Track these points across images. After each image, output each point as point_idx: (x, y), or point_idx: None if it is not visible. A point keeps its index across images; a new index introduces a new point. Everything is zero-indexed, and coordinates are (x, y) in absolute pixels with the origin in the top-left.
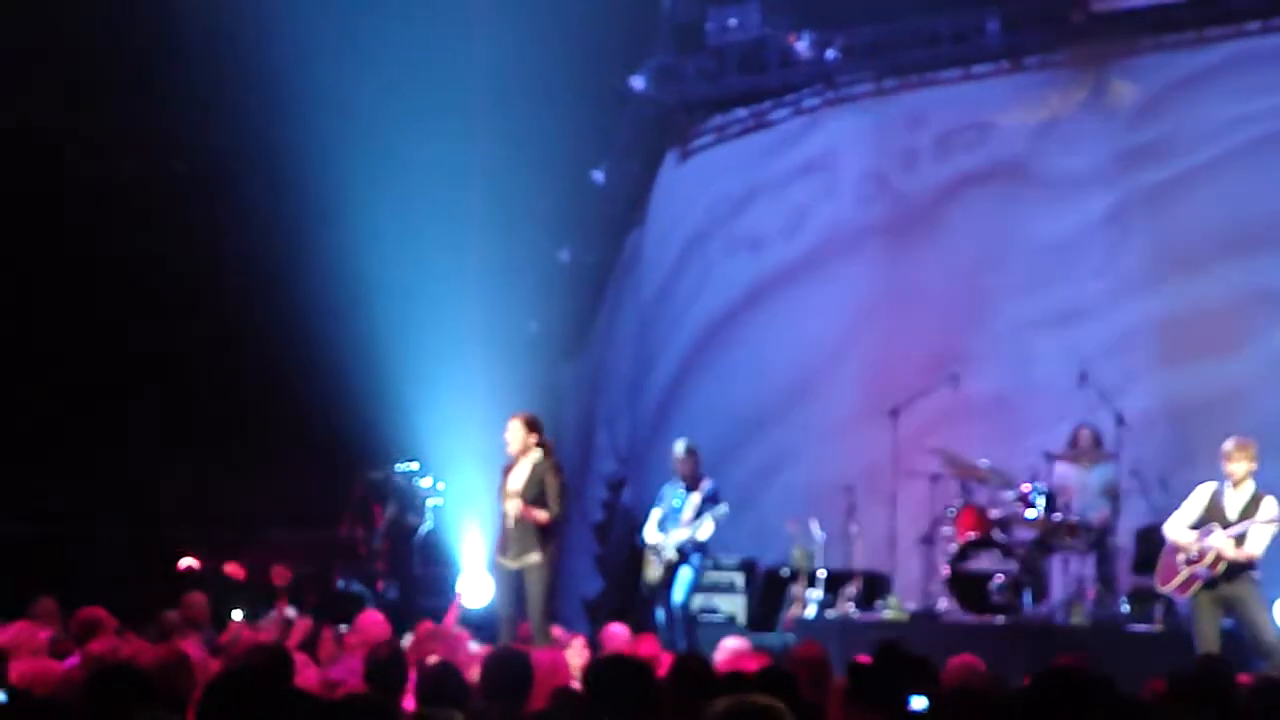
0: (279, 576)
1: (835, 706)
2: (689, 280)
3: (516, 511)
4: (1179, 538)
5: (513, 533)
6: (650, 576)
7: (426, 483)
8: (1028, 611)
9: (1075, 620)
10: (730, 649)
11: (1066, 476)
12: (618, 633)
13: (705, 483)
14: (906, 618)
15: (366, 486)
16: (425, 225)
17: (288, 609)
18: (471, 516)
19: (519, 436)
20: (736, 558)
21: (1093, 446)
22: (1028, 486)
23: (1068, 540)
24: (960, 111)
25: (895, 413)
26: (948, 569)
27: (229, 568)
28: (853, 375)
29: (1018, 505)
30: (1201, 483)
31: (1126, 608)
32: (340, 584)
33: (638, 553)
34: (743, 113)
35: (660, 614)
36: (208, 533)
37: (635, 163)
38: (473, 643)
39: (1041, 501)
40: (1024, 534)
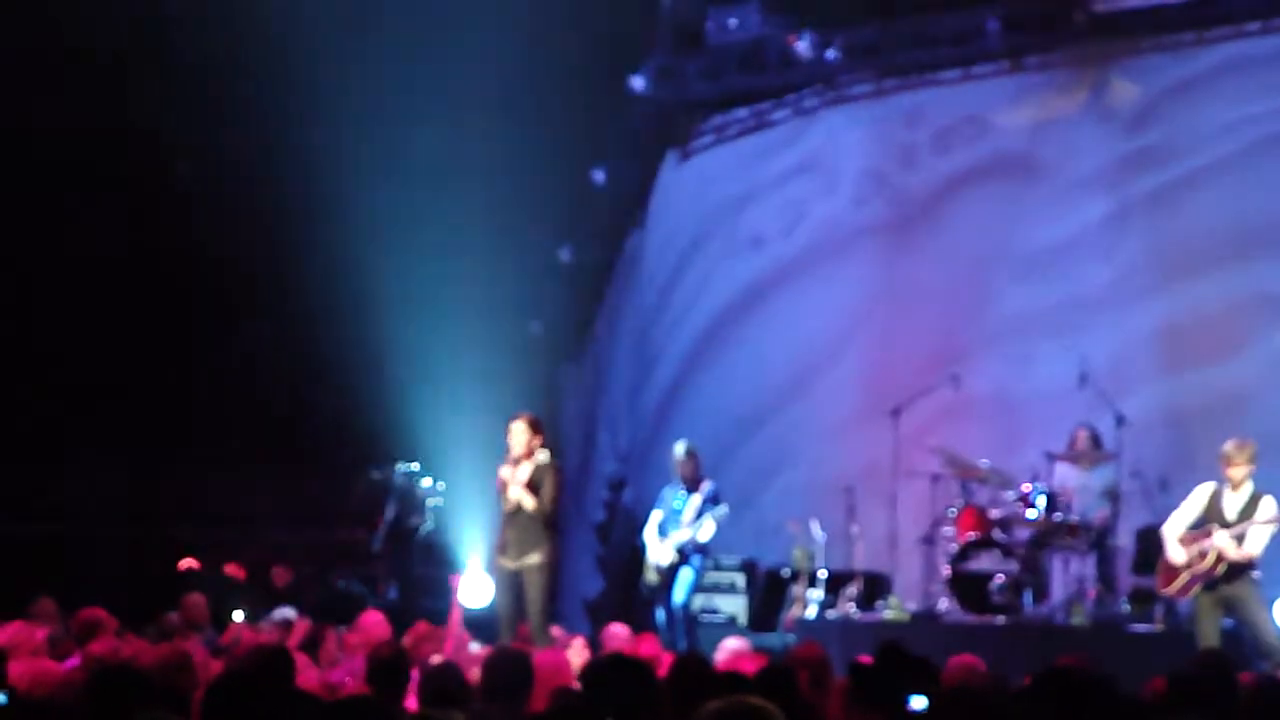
0: (279, 577)
1: (836, 707)
2: (690, 280)
3: (518, 506)
4: (1175, 555)
5: (512, 533)
6: (651, 578)
7: (427, 483)
8: (1028, 612)
9: (1076, 620)
10: (731, 649)
11: (1067, 477)
12: (618, 633)
13: (706, 484)
14: (907, 618)
15: (367, 487)
16: (426, 225)
17: (288, 609)
18: (474, 517)
19: (523, 438)
20: (737, 558)
21: (1091, 447)
22: (1028, 487)
23: (1068, 540)
24: (959, 109)
25: (896, 413)
26: (948, 569)
27: (229, 568)
28: (853, 374)
29: (1018, 505)
30: (1201, 483)
31: (1127, 608)
32: (340, 584)
33: (638, 553)
34: (743, 113)
35: (661, 614)
36: (208, 533)
37: (636, 163)
38: (474, 643)
39: (1042, 502)
40: (1024, 534)
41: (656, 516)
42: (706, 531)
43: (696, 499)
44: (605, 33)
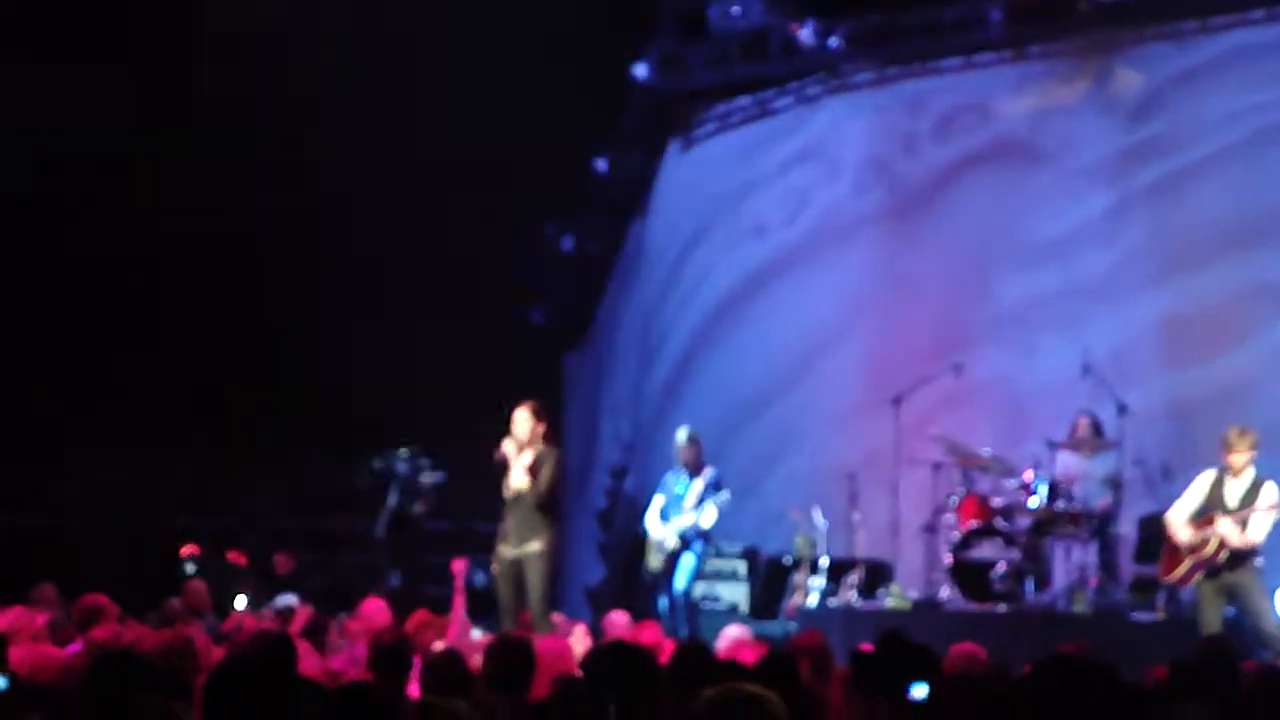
0: (281, 564)
1: (837, 695)
2: (692, 269)
3: (518, 493)
4: (1179, 536)
5: (513, 521)
6: (652, 565)
7: (429, 471)
8: (1030, 600)
9: (1077, 609)
10: (732, 637)
11: (1069, 465)
12: (618, 620)
13: (707, 470)
14: (908, 606)
15: (369, 475)
16: (428, 215)
17: (290, 596)
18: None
19: (527, 425)
20: (739, 546)
21: (1091, 435)
22: (1030, 475)
23: (1070, 529)
24: (961, 97)
25: (898, 401)
26: (950, 557)
27: (231, 555)
28: (854, 362)
29: (1020, 494)
30: (1203, 471)
31: (1129, 596)
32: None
33: (640, 541)
34: (746, 101)
35: (663, 602)
36: (210, 521)
37: (638, 151)
38: (475, 630)
39: (1044, 490)
40: (1026, 522)
41: (658, 502)
42: (708, 518)
43: (699, 484)
44: (608, 21)
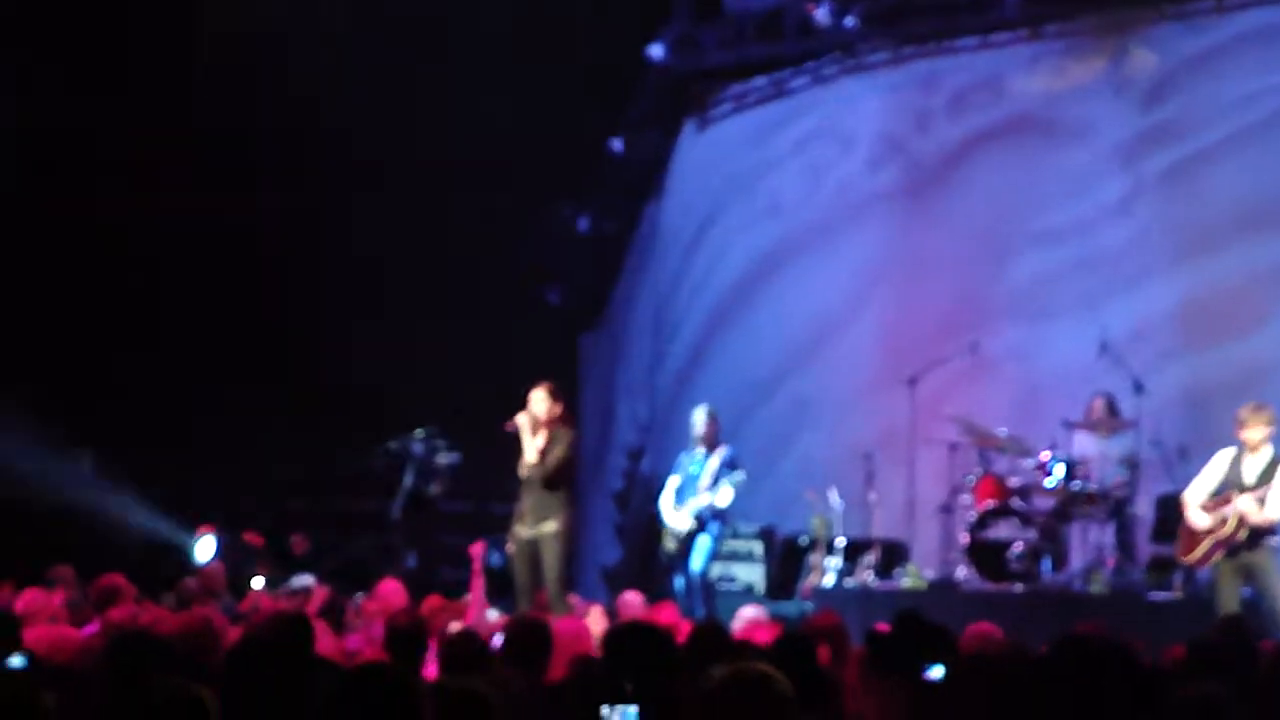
0: (298, 545)
1: (853, 675)
2: (708, 249)
3: (532, 472)
4: (1196, 515)
5: (529, 501)
6: (667, 547)
7: (445, 452)
8: (1046, 580)
9: (1094, 589)
10: (748, 618)
11: (1085, 445)
12: (632, 601)
13: (723, 448)
14: (925, 586)
15: (385, 456)
16: (444, 197)
17: (306, 577)
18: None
19: (543, 406)
20: (755, 526)
21: (1108, 415)
22: (1046, 455)
23: (1087, 509)
24: (976, 74)
25: (913, 381)
26: (966, 537)
27: (248, 536)
28: (870, 341)
29: (1037, 474)
30: (1221, 449)
31: (1146, 576)
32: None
33: (656, 521)
34: (761, 81)
35: (679, 582)
36: (227, 501)
37: (654, 132)
38: (492, 611)
39: (1060, 470)
40: (1043, 502)
41: (673, 483)
42: (724, 498)
43: (714, 461)
44: (623, 1)
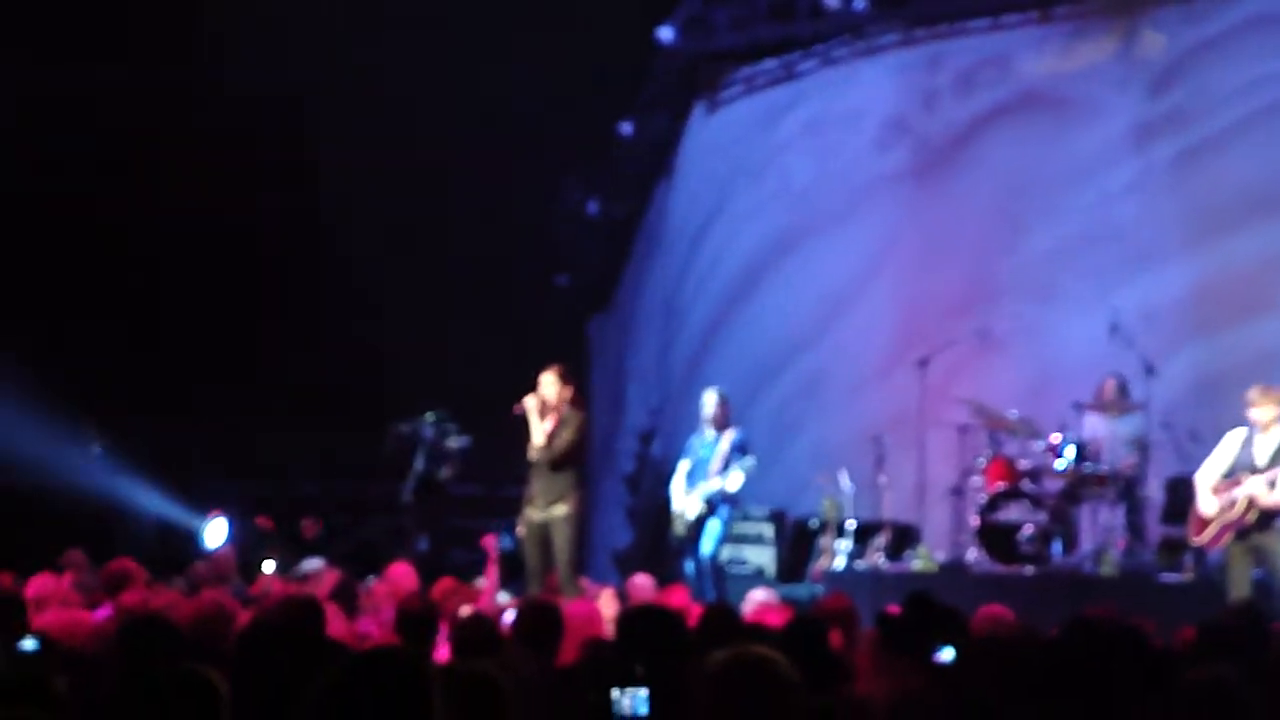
0: (308, 529)
1: (864, 658)
2: (718, 232)
3: (543, 457)
4: (1207, 507)
5: (539, 484)
6: (677, 531)
7: (455, 436)
8: (1057, 562)
9: (1105, 571)
10: (758, 601)
11: (1095, 427)
12: (642, 584)
13: (733, 432)
14: (935, 568)
15: (395, 440)
16: (454, 180)
17: (317, 560)
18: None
19: (554, 389)
20: (765, 509)
21: (1118, 397)
22: (1057, 437)
23: (1097, 490)
24: (985, 54)
25: (924, 363)
26: (977, 520)
27: (259, 520)
28: (880, 323)
29: (1047, 456)
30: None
31: (1156, 558)
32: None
33: (667, 505)
34: (771, 64)
35: (689, 565)
36: (239, 485)
37: (664, 115)
38: (503, 593)
39: (1071, 452)
40: (1053, 484)
41: (684, 467)
42: (735, 482)
43: (724, 444)
44: None
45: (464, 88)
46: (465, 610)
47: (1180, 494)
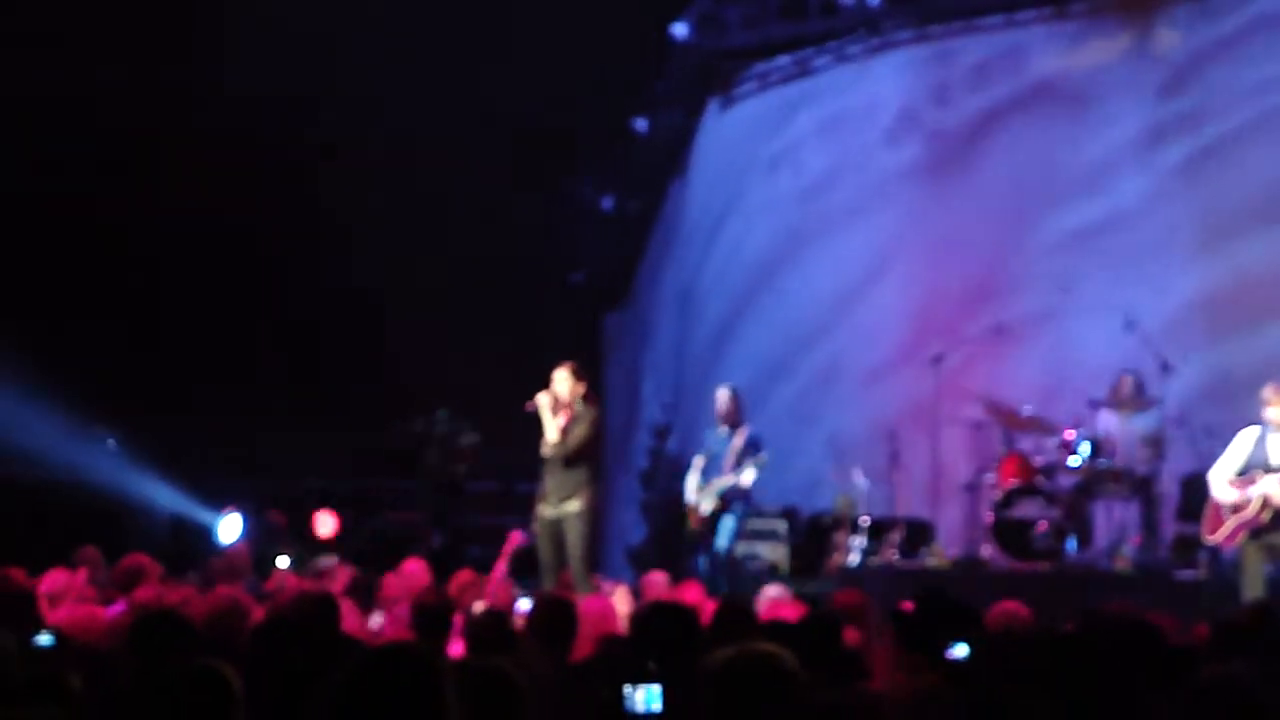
0: (325, 524)
1: (877, 654)
2: (733, 228)
3: (555, 451)
4: (1222, 495)
5: (552, 481)
6: (692, 526)
7: (469, 432)
8: (1071, 558)
9: (1119, 567)
10: (772, 597)
11: (1110, 423)
12: (657, 580)
13: (746, 428)
14: (949, 565)
15: (410, 436)
16: (468, 175)
17: (331, 556)
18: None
19: (567, 385)
20: (779, 505)
21: (1134, 394)
22: (1071, 433)
23: (1111, 487)
24: (999, 48)
25: (938, 360)
26: (991, 516)
27: (272, 515)
28: (895, 317)
29: (1061, 452)
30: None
31: (1171, 554)
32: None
33: (681, 501)
34: (785, 60)
35: (703, 561)
36: (252, 481)
37: (678, 111)
38: (517, 590)
39: (1085, 448)
40: (1068, 481)
41: (699, 464)
42: (748, 478)
43: (738, 441)
44: None
45: (475, 84)
46: (479, 606)
47: (1195, 491)
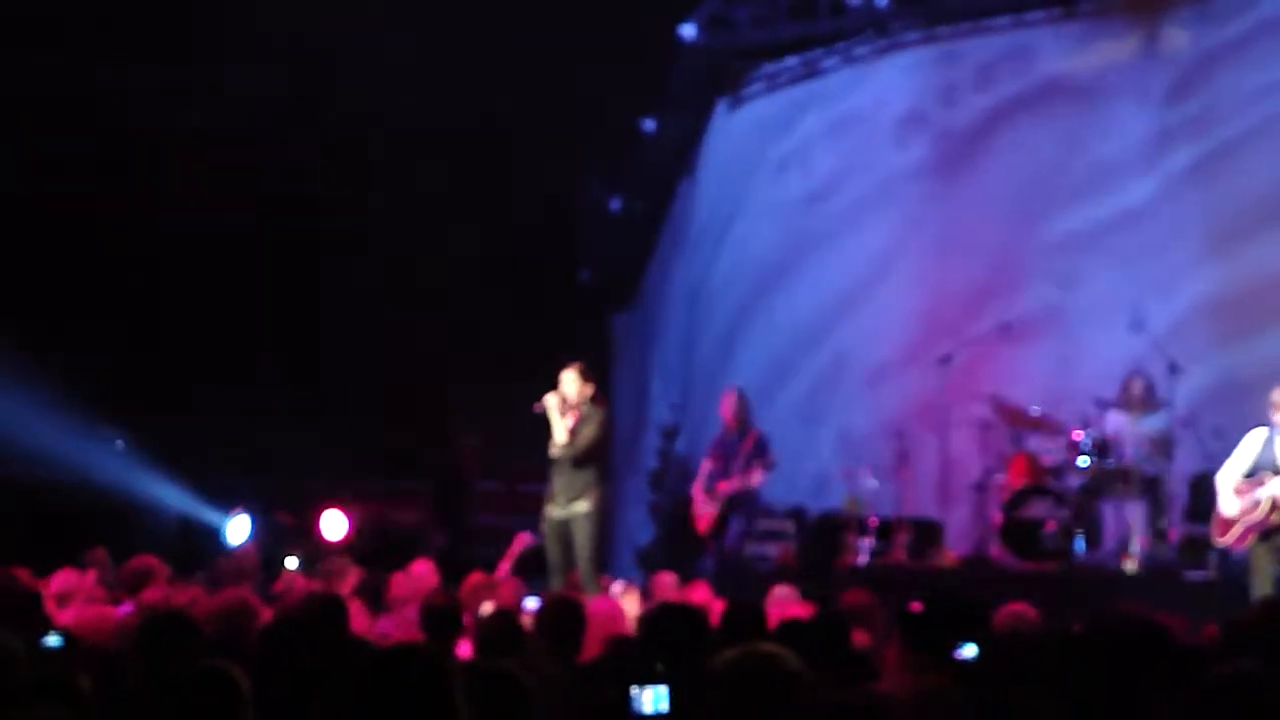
0: (334, 525)
1: (886, 655)
2: (741, 229)
3: (563, 452)
4: (1228, 508)
5: (560, 481)
6: (699, 527)
7: (475, 433)
8: (1080, 559)
9: (1128, 567)
10: (781, 597)
11: (1118, 424)
12: (666, 581)
13: (755, 431)
14: (958, 565)
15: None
16: (474, 177)
17: (340, 557)
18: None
19: (574, 386)
20: (788, 506)
21: (1144, 395)
22: (1079, 434)
23: (1120, 487)
24: (1007, 49)
25: (946, 360)
26: (1000, 516)
27: (280, 516)
28: (903, 317)
29: (1069, 452)
30: (1252, 430)
31: (1179, 555)
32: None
33: (690, 501)
34: (793, 61)
35: (711, 562)
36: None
37: (686, 112)
38: (526, 591)
39: (1093, 449)
40: (1076, 481)
41: (707, 466)
42: (756, 479)
43: (747, 443)
44: None
45: (483, 84)
46: (487, 607)
47: (1203, 492)
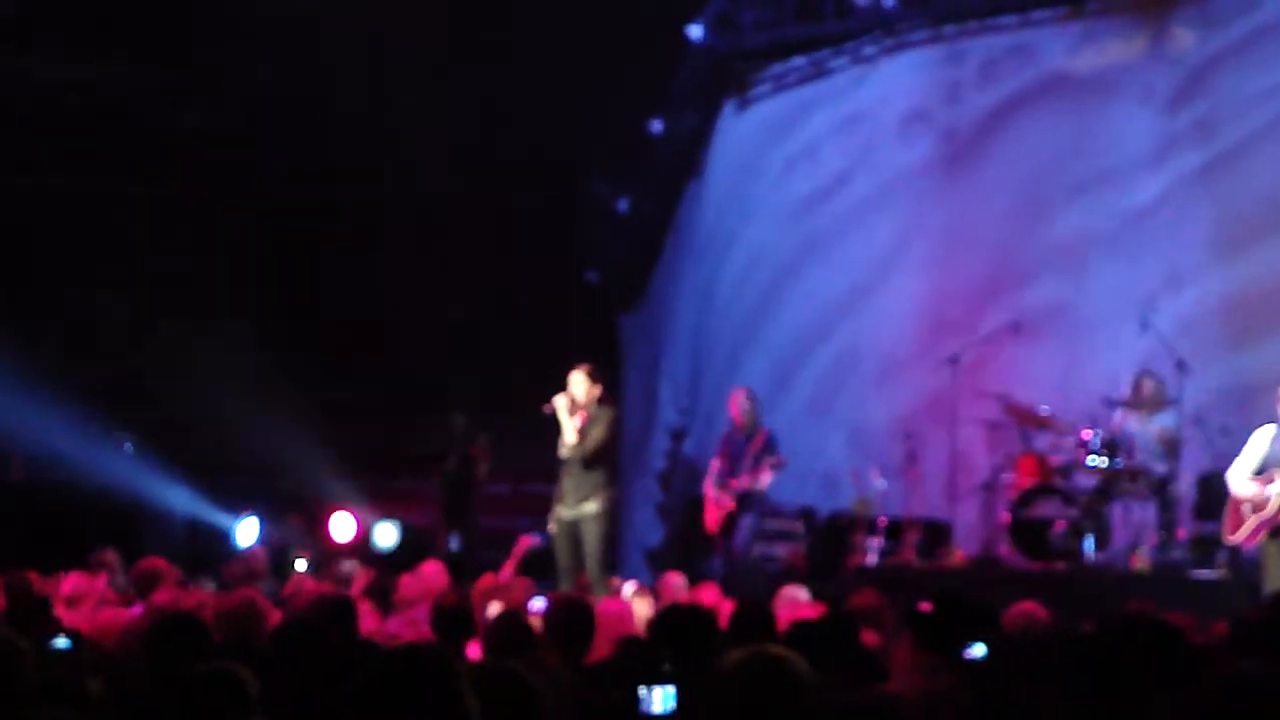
0: (342, 527)
1: (895, 654)
2: (750, 230)
3: (572, 452)
4: (1241, 490)
5: (569, 482)
6: (709, 527)
7: (486, 434)
8: (1089, 558)
9: (1137, 567)
10: (789, 598)
11: (1127, 423)
12: (675, 582)
13: (764, 431)
14: (967, 565)
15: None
16: (480, 178)
17: (350, 560)
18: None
19: (583, 387)
20: (796, 506)
21: (1153, 394)
22: (1088, 433)
23: (1129, 487)
24: (1012, 47)
25: (954, 360)
26: (1009, 516)
27: (291, 518)
28: (910, 316)
29: (1078, 452)
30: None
31: (1189, 554)
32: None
33: (699, 502)
34: (801, 61)
35: (720, 563)
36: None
37: (693, 113)
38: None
39: (1102, 448)
40: (1085, 481)
41: (715, 465)
42: (765, 479)
43: (755, 443)
44: None
45: (489, 84)
46: (494, 608)
47: (1212, 490)
